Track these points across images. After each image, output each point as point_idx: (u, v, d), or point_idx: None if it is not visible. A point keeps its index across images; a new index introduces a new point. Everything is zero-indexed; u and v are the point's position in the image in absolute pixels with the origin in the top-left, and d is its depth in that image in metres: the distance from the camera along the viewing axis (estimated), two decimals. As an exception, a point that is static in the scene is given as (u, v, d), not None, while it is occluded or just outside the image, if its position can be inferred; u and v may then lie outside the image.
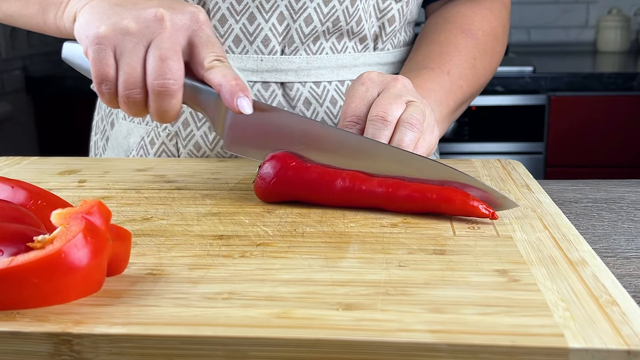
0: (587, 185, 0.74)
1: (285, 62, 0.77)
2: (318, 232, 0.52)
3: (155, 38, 0.57)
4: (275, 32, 0.76)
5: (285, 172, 0.58)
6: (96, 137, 0.93)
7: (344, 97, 0.79)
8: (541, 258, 0.46)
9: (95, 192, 0.64)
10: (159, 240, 0.51)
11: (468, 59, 0.80)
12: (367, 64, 0.81)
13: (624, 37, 2.29)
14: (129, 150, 0.84)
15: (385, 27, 0.80)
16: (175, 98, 0.58)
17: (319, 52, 0.78)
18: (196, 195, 0.62)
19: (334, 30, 0.77)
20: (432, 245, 0.49)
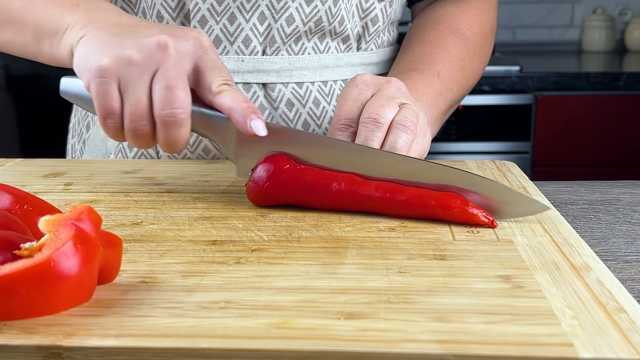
0: (581, 186, 0.73)
1: (266, 62, 0.76)
2: (314, 237, 0.51)
3: (160, 67, 0.55)
4: (256, 32, 0.75)
5: (279, 175, 0.56)
6: (73, 140, 0.91)
7: (336, 100, 0.78)
8: (544, 263, 0.45)
9: (82, 195, 0.62)
10: (150, 246, 0.49)
11: (458, 60, 0.79)
12: (351, 64, 0.80)
13: (609, 36, 2.29)
14: (107, 153, 0.82)
15: (368, 27, 0.80)
16: (184, 127, 0.55)
17: (301, 52, 0.77)
18: (187, 199, 0.61)
19: (316, 31, 0.76)
20: (432, 250, 0.48)
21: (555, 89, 1.82)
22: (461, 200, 0.53)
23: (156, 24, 0.60)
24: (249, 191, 0.58)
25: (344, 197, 0.55)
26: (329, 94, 0.80)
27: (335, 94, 0.80)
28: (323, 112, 0.80)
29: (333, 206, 0.56)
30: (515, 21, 2.39)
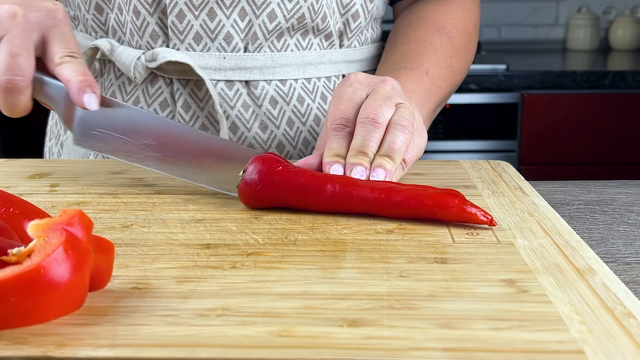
0: (576, 186, 0.73)
1: (249, 59, 0.75)
2: (311, 240, 0.49)
3: (6, 34, 0.57)
4: (237, 29, 0.74)
5: (272, 177, 0.55)
6: (50, 143, 0.89)
7: (322, 97, 0.77)
8: (547, 266, 0.44)
9: (69, 197, 0.61)
10: (142, 250, 0.48)
11: (445, 58, 0.79)
12: (334, 61, 0.79)
13: (593, 35, 2.30)
14: (85, 155, 0.81)
15: (349, 23, 0.79)
16: (23, 94, 0.58)
17: (284, 49, 0.76)
18: (177, 200, 0.59)
19: (298, 27, 0.75)
20: (432, 253, 0.47)
21: (541, 88, 1.82)
22: (459, 198, 0.52)
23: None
24: (241, 193, 0.56)
25: (339, 199, 0.54)
26: (313, 91, 0.79)
27: (319, 91, 0.79)
28: (307, 110, 0.79)
29: (328, 208, 0.54)
30: (500, 19, 2.39)
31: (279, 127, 0.77)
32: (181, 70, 0.74)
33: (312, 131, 0.79)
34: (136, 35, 0.75)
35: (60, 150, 0.85)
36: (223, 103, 0.75)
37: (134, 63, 0.74)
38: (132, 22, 0.75)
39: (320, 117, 0.80)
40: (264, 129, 0.77)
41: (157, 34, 0.74)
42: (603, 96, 1.82)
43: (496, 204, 0.58)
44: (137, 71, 0.74)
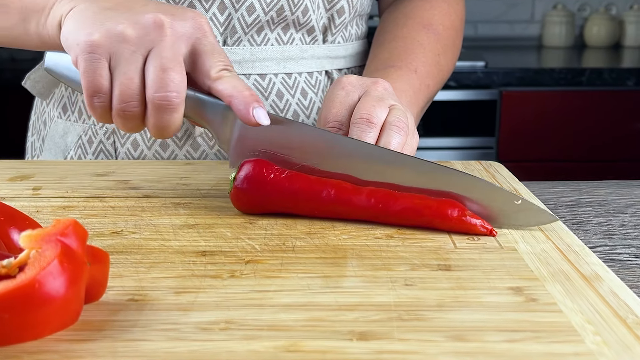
0: (567, 187, 0.72)
1: (227, 53, 0.73)
2: (310, 246, 0.48)
3: (155, 47, 0.52)
4: (216, 22, 0.72)
5: (264, 186, 0.53)
6: (33, 138, 0.87)
7: (302, 93, 0.75)
8: (553, 273, 0.44)
9: (53, 201, 0.58)
10: (135, 259, 0.46)
11: (433, 56, 0.78)
12: (316, 56, 0.78)
13: (569, 32, 2.31)
14: (66, 150, 0.79)
15: (334, 18, 0.77)
16: (177, 112, 0.52)
17: (264, 43, 0.74)
18: (167, 204, 0.57)
19: (279, 21, 0.74)
20: (435, 259, 0.46)
21: (519, 85, 1.82)
22: (459, 209, 0.50)
23: (152, 0, 0.56)
24: (233, 199, 0.54)
25: (335, 206, 0.52)
26: (293, 87, 0.77)
27: (299, 87, 0.77)
28: (286, 105, 0.77)
29: (324, 215, 0.53)
30: (477, 16, 2.39)
31: None
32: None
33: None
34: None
35: (42, 145, 0.83)
36: None
37: None
38: None
39: (299, 112, 0.78)
40: None
41: None
42: (580, 93, 1.83)
43: (493, 207, 0.57)
44: None
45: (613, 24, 2.31)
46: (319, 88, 0.79)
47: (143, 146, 0.75)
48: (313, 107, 0.79)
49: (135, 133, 0.70)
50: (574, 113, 1.83)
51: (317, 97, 0.79)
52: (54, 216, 0.55)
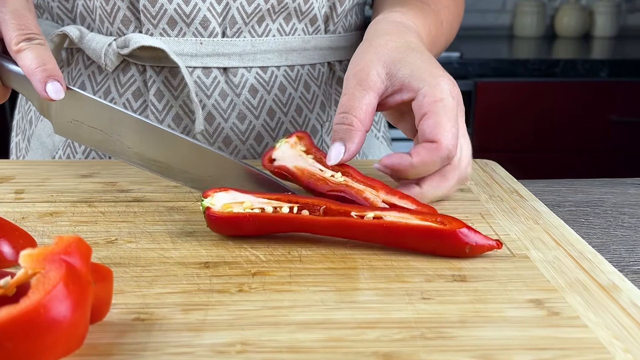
0: (562, 186, 0.71)
1: (227, 45, 0.70)
2: (316, 255, 0.46)
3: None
4: (214, 12, 0.69)
5: (239, 224, 0.48)
6: (17, 138, 0.83)
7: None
8: (570, 283, 0.43)
9: (38, 206, 0.55)
10: (135, 272, 0.43)
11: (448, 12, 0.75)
12: (319, 47, 0.75)
13: (540, 22, 2.32)
14: (54, 149, 0.75)
15: (336, 6, 0.74)
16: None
17: (265, 34, 0.71)
18: (160, 209, 0.55)
19: (280, 10, 0.71)
20: (449, 269, 0.44)
21: (494, 75, 1.82)
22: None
23: None
24: (210, 225, 0.49)
25: (332, 230, 0.49)
26: (296, 80, 0.74)
27: (302, 80, 0.75)
28: (289, 99, 0.74)
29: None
30: (449, 5, 2.38)
31: (259, 118, 0.73)
32: (155, 57, 0.69)
33: (293, 122, 0.75)
34: (106, 21, 0.69)
35: (28, 145, 0.79)
36: (199, 92, 0.71)
37: (104, 50, 0.69)
38: (101, 8, 0.69)
39: (302, 107, 0.75)
40: (242, 120, 0.72)
41: (128, 19, 0.69)
42: (554, 84, 1.83)
43: (497, 210, 0.56)
44: (108, 58, 0.69)
45: (583, 14, 2.33)
46: (322, 80, 0.76)
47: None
48: (316, 100, 0.76)
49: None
50: (548, 103, 1.83)
51: (320, 90, 0.76)
52: (41, 223, 0.52)
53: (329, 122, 0.78)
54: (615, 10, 2.34)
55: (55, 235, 0.35)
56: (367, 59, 0.57)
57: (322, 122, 0.77)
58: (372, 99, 0.55)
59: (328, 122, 0.78)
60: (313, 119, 0.76)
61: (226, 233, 0.49)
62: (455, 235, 0.46)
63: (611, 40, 2.29)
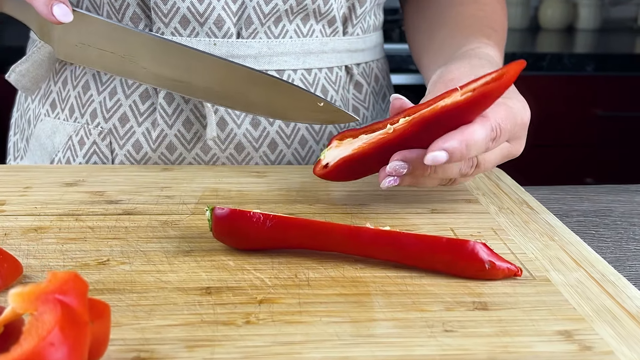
0: (566, 193, 0.69)
1: (242, 46, 0.66)
2: (325, 279, 0.43)
3: None
4: (229, 12, 0.65)
5: (246, 239, 0.46)
6: (15, 138, 0.78)
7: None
8: (597, 311, 0.40)
9: (21, 220, 0.52)
10: (131, 299, 0.40)
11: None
12: (336, 50, 0.71)
13: (524, 14, 2.30)
14: (54, 151, 0.70)
15: (355, 7, 0.70)
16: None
17: (282, 35, 0.67)
18: (153, 223, 0.52)
19: (298, 10, 0.66)
20: (468, 295, 0.41)
21: (481, 69, 1.79)
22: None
23: None
24: (217, 237, 0.47)
25: (344, 246, 0.47)
26: (313, 84, 0.70)
27: (319, 84, 0.70)
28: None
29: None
30: (432, -5, 2.35)
31: (273, 124, 0.69)
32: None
33: (309, 128, 0.71)
34: (114, 18, 0.65)
35: (26, 145, 0.75)
36: None
37: None
38: (109, 4, 0.65)
39: None
40: (255, 126, 0.68)
41: (138, 16, 0.65)
42: (541, 78, 1.82)
43: (509, 224, 0.53)
44: None
45: (567, 6, 2.31)
46: (340, 85, 0.72)
47: (147, 148, 0.67)
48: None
49: (102, 149, 0.67)
50: (535, 97, 1.81)
51: (338, 96, 0.72)
52: (25, 241, 0.48)
53: (346, 128, 0.74)
54: (599, 3, 2.32)
55: (49, 271, 0.31)
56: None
57: (340, 129, 0.73)
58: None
59: (346, 128, 0.74)
60: (330, 126, 0.73)
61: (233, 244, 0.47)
62: (473, 250, 0.43)
63: (595, 33, 2.28)
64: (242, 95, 0.59)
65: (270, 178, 0.64)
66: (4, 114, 0.86)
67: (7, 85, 0.73)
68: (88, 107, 0.68)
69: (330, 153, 0.55)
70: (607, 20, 2.39)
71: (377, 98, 0.78)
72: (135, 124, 0.67)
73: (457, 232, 0.51)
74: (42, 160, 0.72)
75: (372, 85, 0.77)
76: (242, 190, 0.60)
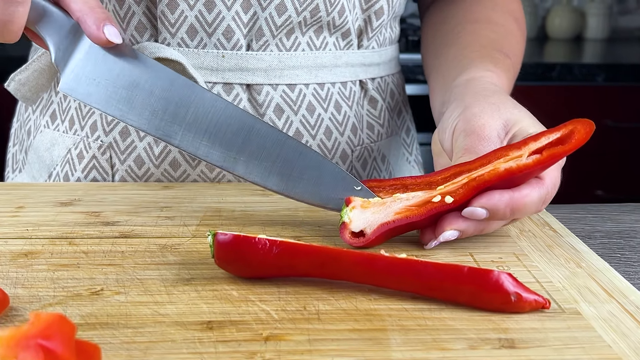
0: (588, 212, 0.66)
1: (252, 59, 0.63)
2: (337, 312, 0.40)
3: None
4: (239, 23, 0.61)
5: (249, 265, 0.43)
6: (14, 149, 0.75)
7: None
8: (634, 349, 0.37)
9: (12, 243, 0.48)
10: (126, 335, 0.37)
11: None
12: (350, 64, 0.68)
13: (531, 23, 2.27)
14: (52, 165, 0.67)
15: (371, 20, 0.67)
16: (22, 6, 0.48)
17: (294, 48, 0.64)
18: (151, 247, 0.48)
19: (312, 22, 0.63)
20: (493, 331, 0.38)
21: (489, 79, 1.76)
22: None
23: None
24: (219, 264, 0.44)
25: (357, 275, 0.43)
26: (326, 99, 0.66)
27: (333, 99, 0.67)
28: (318, 120, 0.67)
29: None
30: (439, 5, 2.32)
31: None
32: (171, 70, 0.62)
33: (322, 145, 0.67)
34: (119, 27, 0.62)
35: (25, 157, 0.72)
36: None
37: None
38: (114, 12, 0.62)
39: (332, 129, 0.68)
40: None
41: (144, 26, 0.62)
42: (550, 88, 1.79)
43: (532, 248, 0.50)
44: None
45: (575, 15, 2.28)
46: (353, 100, 0.69)
47: (149, 164, 0.64)
48: (347, 122, 0.68)
49: (102, 164, 0.63)
50: (544, 108, 1.78)
51: (352, 112, 0.69)
52: (14, 267, 0.45)
53: (360, 147, 0.70)
54: (607, 12, 2.30)
55: (31, 312, 0.28)
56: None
57: (353, 147, 0.69)
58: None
59: (360, 146, 0.70)
60: (343, 143, 0.68)
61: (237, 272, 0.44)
62: (498, 280, 0.40)
63: (603, 43, 2.25)
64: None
65: (276, 197, 0.60)
66: (5, 124, 0.83)
67: (8, 94, 0.70)
68: (88, 120, 0.65)
69: (357, 216, 0.49)
70: (616, 30, 2.36)
71: (392, 114, 0.75)
72: (136, 138, 0.63)
73: (477, 258, 0.48)
74: (40, 174, 0.69)
75: (388, 100, 0.73)
76: (247, 211, 0.57)
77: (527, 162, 0.46)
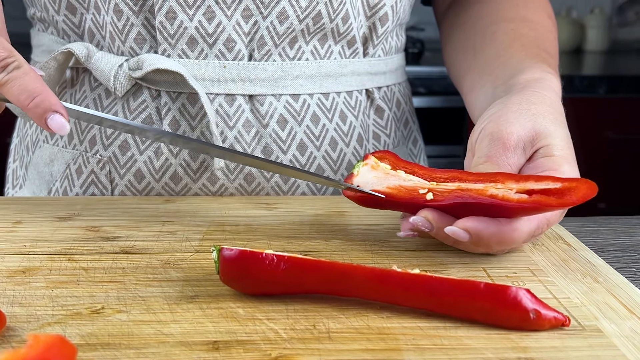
0: (599, 225, 0.64)
1: (254, 69, 0.61)
2: (348, 330, 0.38)
3: None
4: (240, 32, 0.60)
5: (257, 281, 0.41)
6: (15, 165, 0.73)
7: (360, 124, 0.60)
8: (661, 368, 0.35)
9: (9, 259, 0.47)
10: (128, 356, 0.35)
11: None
12: (356, 73, 0.66)
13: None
14: (51, 181, 0.66)
15: (376, 27, 0.66)
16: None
17: (298, 57, 0.62)
18: (153, 264, 0.47)
19: (315, 30, 0.62)
20: (512, 350, 0.36)
21: (490, 91, 1.75)
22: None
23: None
24: (224, 281, 0.42)
25: (368, 292, 0.41)
26: (331, 109, 0.65)
27: (338, 109, 0.65)
28: (323, 131, 0.65)
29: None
30: (438, 17, 2.32)
31: (287, 153, 0.64)
32: (171, 81, 0.61)
33: (327, 157, 0.66)
34: (117, 39, 0.61)
35: (26, 173, 0.70)
36: (220, 122, 0.61)
37: (114, 71, 0.60)
38: (112, 24, 0.60)
39: (338, 140, 0.66)
40: (268, 154, 0.63)
41: (143, 37, 0.61)
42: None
43: (546, 263, 0.48)
44: (118, 81, 0.60)
45: (575, 27, 2.28)
46: (359, 110, 0.67)
47: (150, 178, 0.62)
48: (353, 133, 0.67)
49: (100, 179, 0.63)
50: (545, 121, 1.77)
51: (358, 122, 0.67)
52: (11, 285, 0.43)
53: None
54: (607, 24, 2.29)
55: (30, 334, 0.26)
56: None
57: (359, 158, 0.68)
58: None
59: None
60: (349, 154, 0.67)
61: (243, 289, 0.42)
62: (516, 297, 0.38)
63: (603, 55, 2.25)
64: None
65: (281, 210, 0.59)
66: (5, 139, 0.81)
67: (8, 110, 0.68)
68: (87, 134, 0.63)
69: (364, 172, 0.51)
70: (615, 42, 2.36)
71: (398, 124, 0.73)
72: (136, 152, 0.62)
73: (490, 273, 0.46)
74: (40, 189, 0.67)
75: (394, 110, 0.72)
76: (251, 225, 0.55)
77: (510, 197, 0.44)
